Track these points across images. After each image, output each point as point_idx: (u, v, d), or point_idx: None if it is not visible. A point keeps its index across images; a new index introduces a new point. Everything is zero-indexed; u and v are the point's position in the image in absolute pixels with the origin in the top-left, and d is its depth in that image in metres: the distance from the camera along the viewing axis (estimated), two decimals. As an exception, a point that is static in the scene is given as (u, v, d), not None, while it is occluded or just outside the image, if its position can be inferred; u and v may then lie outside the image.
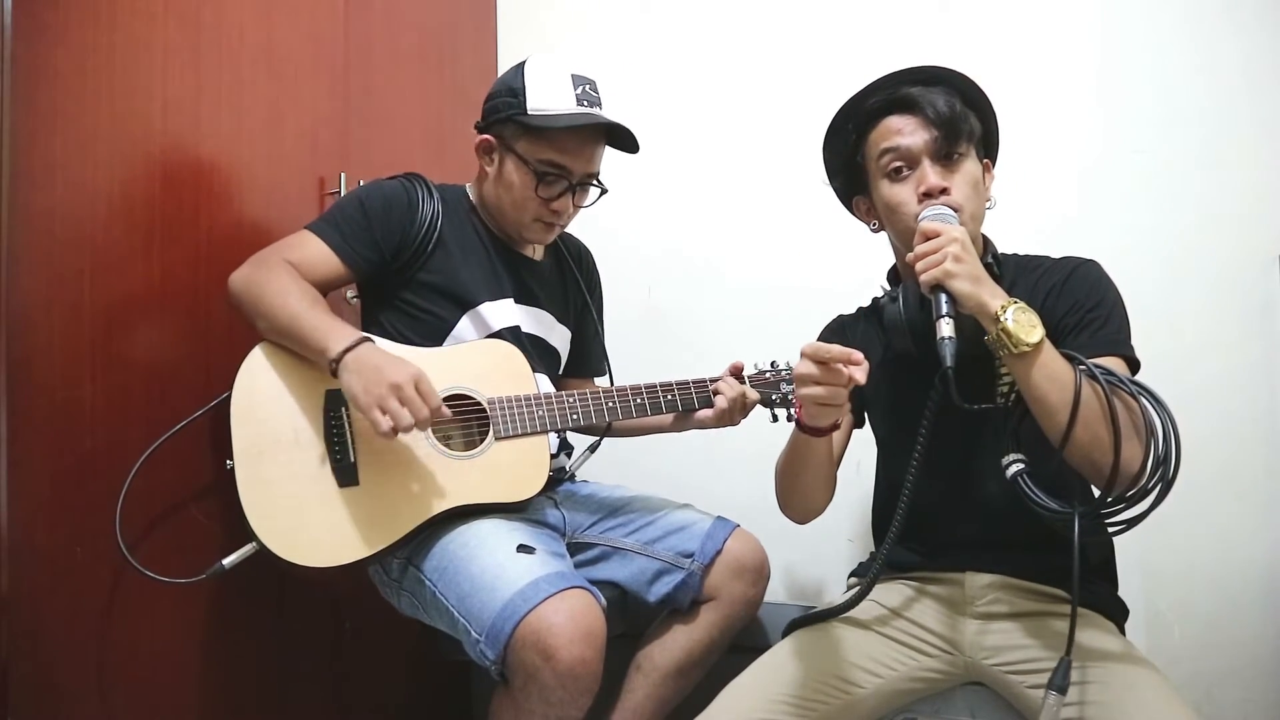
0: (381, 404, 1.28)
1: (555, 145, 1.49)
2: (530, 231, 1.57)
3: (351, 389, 1.30)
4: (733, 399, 1.51)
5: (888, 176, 1.26)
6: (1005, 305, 1.09)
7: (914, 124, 1.24)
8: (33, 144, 1.22)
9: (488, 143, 1.54)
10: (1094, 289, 1.23)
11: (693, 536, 1.53)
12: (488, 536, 1.36)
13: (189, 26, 1.46)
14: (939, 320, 1.11)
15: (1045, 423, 1.11)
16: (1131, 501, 1.06)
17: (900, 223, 1.26)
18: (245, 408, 1.36)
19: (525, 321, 1.58)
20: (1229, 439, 1.72)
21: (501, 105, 1.51)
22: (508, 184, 1.52)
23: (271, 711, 1.56)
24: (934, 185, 1.21)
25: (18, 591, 1.18)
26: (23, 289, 1.20)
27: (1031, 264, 1.32)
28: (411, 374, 1.30)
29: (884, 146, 1.26)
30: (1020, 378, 1.11)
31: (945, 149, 1.23)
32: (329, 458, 1.37)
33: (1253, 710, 1.70)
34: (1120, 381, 1.09)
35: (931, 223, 1.16)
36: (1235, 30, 1.77)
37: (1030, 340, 1.08)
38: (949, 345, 1.10)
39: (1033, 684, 1.16)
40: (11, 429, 1.18)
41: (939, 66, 1.29)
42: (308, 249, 1.44)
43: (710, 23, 2.14)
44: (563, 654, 1.20)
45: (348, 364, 1.31)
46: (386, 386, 1.28)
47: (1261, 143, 1.75)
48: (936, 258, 1.12)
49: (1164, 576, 1.73)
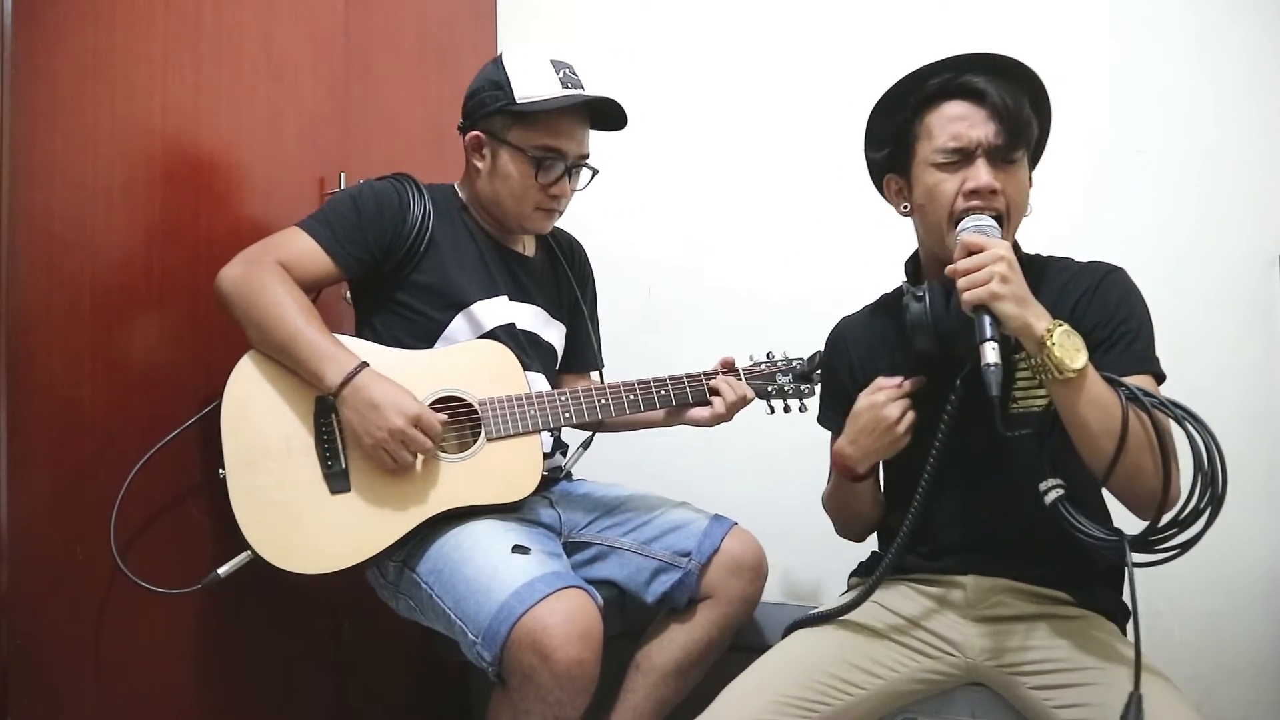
0: (384, 447, 1.34)
1: (549, 130, 1.50)
2: (531, 221, 1.56)
3: (352, 426, 1.35)
4: (732, 403, 1.51)
5: (936, 164, 1.20)
6: (1051, 329, 1.05)
7: (980, 115, 1.17)
8: (33, 143, 1.22)
9: (478, 139, 1.54)
10: (1123, 300, 1.20)
11: (689, 535, 1.52)
12: (483, 537, 1.36)
13: (189, 26, 1.46)
14: (983, 345, 1.07)
15: (1085, 449, 1.08)
16: (1184, 525, 1.03)
17: (935, 213, 1.20)
18: (235, 416, 1.36)
19: (520, 318, 1.58)
20: (1229, 439, 1.69)
21: (488, 99, 1.51)
22: (505, 176, 1.52)
23: (270, 712, 1.56)
24: (985, 185, 1.15)
25: (18, 592, 1.18)
26: (23, 289, 1.20)
27: (1056, 266, 1.28)
28: (409, 415, 1.33)
29: (941, 132, 1.19)
30: (1063, 403, 1.07)
31: (1005, 150, 1.17)
32: (320, 464, 1.37)
33: (1253, 710, 1.70)
34: (1163, 404, 1.06)
35: (974, 235, 1.11)
36: (1237, 31, 1.77)
37: (1075, 366, 1.04)
38: (994, 373, 1.05)
39: (1036, 685, 1.15)
40: (11, 429, 1.18)
41: (1016, 59, 1.21)
42: (299, 247, 1.43)
43: (711, 23, 2.14)
44: (559, 654, 1.20)
45: (345, 399, 1.34)
46: (387, 432, 1.32)
47: (1262, 143, 1.75)
48: (981, 276, 1.07)
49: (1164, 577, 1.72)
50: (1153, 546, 1.06)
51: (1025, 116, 1.18)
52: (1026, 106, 1.19)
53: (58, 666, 1.25)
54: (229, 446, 1.35)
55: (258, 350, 1.40)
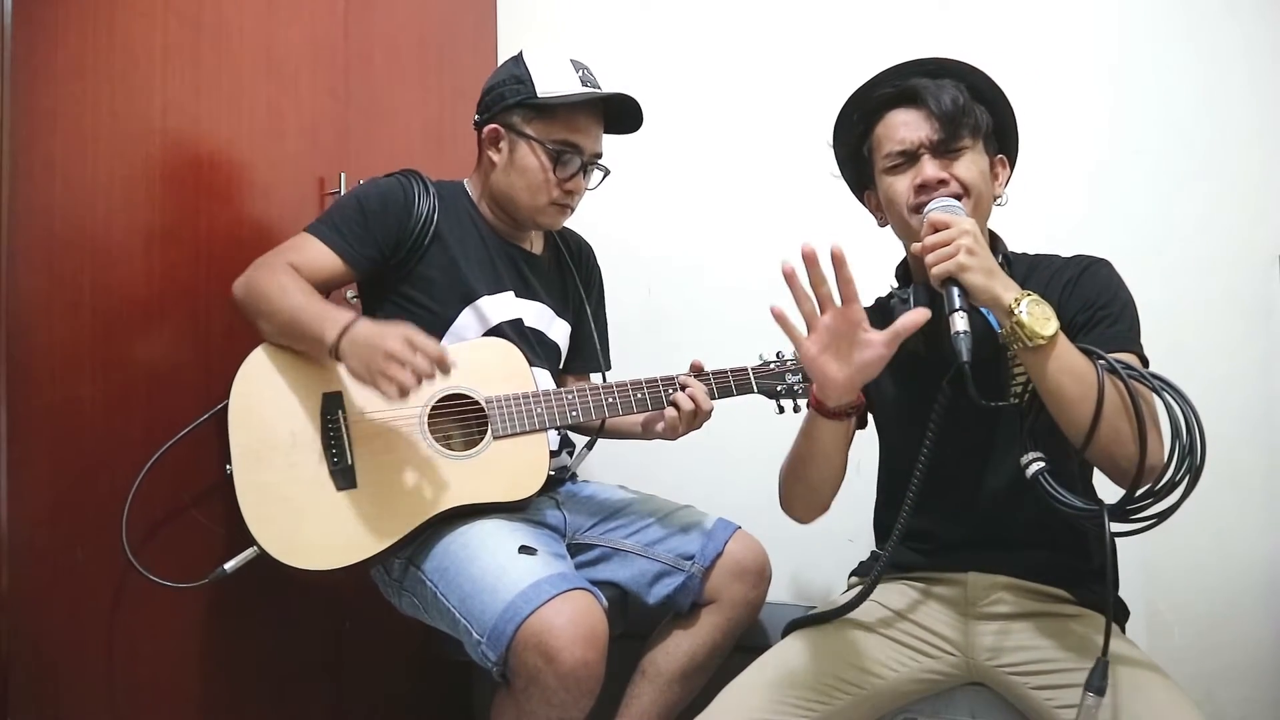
0: (385, 372, 1.27)
1: (567, 125, 1.52)
2: (545, 215, 1.57)
3: (355, 371, 1.31)
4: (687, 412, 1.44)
5: (888, 169, 1.25)
6: (1019, 298, 1.07)
7: (918, 117, 1.22)
8: (32, 143, 1.22)
9: (496, 131, 1.55)
10: (1105, 287, 1.22)
11: (693, 539, 1.52)
12: (489, 537, 1.36)
13: (189, 26, 1.46)
14: (952, 315, 1.09)
15: (1063, 418, 1.09)
16: (1160, 495, 1.04)
17: (896, 215, 1.25)
18: (242, 412, 1.37)
19: (526, 315, 1.58)
20: (1229, 439, 1.71)
21: (508, 92, 1.53)
22: (522, 168, 1.53)
23: (272, 710, 1.56)
24: (930, 177, 1.20)
25: (18, 591, 1.18)
26: (23, 289, 1.20)
27: (1043, 263, 1.30)
28: (401, 334, 1.29)
29: (887, 140, 1.25)
30: (1035, 372, 1.09)
31: (946, 142, 1.21)
32: (327, 461, 1.37)
33: (1253, 710, 1.70)
34: (1140, 375, 1.07)
35: (940, 214, 1.14)
36: (1237, 31, 1.77)
37: (1045, 333, 1.05)
38: (964, 340, 1.07)
39: (1036, 685, 1.16)
40: (11, 429, 1.18)
41: (947, 58, 1.27)
42: (309, 251, 1.44)
43: (711, 23, 2.14)
44: (564, 656, 1.19)
45: (344, 349, 1.32)
46: (381, 356, 1.27)
47: (1262, 143, 1.75)
48: (948, 250, 1.10)
49: (1164, 576, 1.73)
50: (1129, 516, 1.06)
51: (962, 107, 1.21)
52: (963, 97, 1.22)
53: (58, 665, 1.25)
54: (235, 442, 1.35)
55: (270, 341, 1.40)
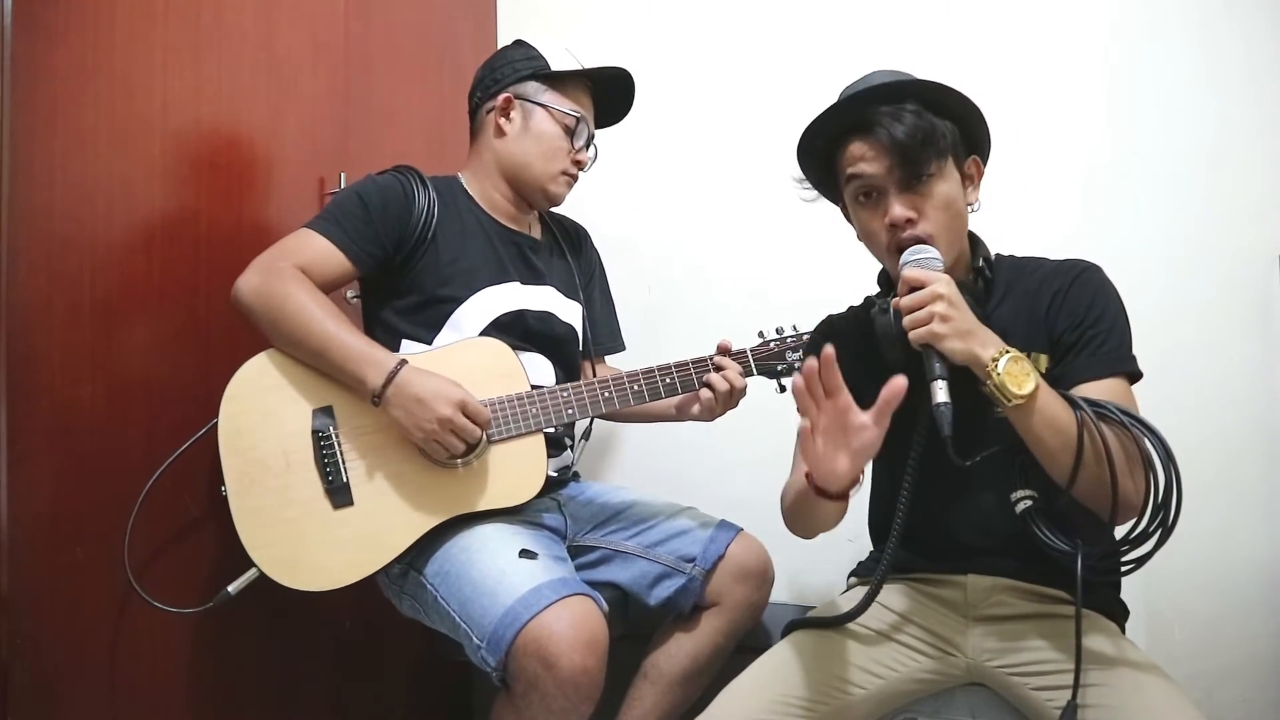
0: (435, 439, 1.33)
1: (576, 98, 1.60)
2: (555, 185, 1.59)
3: (401, 424, 1.35)
4: (723, 393, 1.46)
5: (858, 202, 1.23)
6: (997, 357, 1.07)
7: (875, 151, 1.18)
8: (33, 143, 1.22)
9: (509, 100, 1.57)
10: (1094, 301, 1.20)
11: (695, 541, 1.52)
12: (490, 540, 1.36)
13: (189, 26, 1.46)
14: (932, 383, 1.08)
15: (1045, 465, 1.10)
16: (1134, 544, 1.06)
17: (875, 249, 1.24)
18: (232, 435, 1.35)
19: (532, 302, 1.57)
20: (1229, 439, 1.72)
21: (521, 65, 1.58)
22: (538, 134, 1.56)
23: (272, 709, 1.56)
24: (898, 217, 1.16)
25: (18, 591, 1.18)
26: (23, 289, 1.20)
27: (1029, 266, 1.29)
28: (455, 400, 1.33)
29: (849, 172, 1.21)
30: (1018, 425, 1.10)
31: (908, 178, 1.17)
32: (322, 480, 1.36)
33: (1253, 710, 1.70)
34: (1124, 423, 1.07)
35: (913, 270, 1.12)
36: (1237, 31, 1.77)
37: (1023, 392, 1.05)
38: (945, 412, 1.07)
39: (1036, 686, 1.15)
40: (12, 429, 1.18)
41: (895, 81, 1.21)
42: (314, 249, 1.42)
43: (712, 23, 2.13)
44: (564, 662, 1.19)
45: (390, 399, 1.34)
46: (436, 422, 1.32)
47: (1262, 143, 1.75)
48: (922, 315, 1.09)
49: (1164, 576, 1.73)
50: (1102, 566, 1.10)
51: (920, 137, 1.16)
52: (920, 121, 1.16)
53: (58, 666, 1.25)
54: (228, 467, 1.34)
55: (276, 349, 1.40)
